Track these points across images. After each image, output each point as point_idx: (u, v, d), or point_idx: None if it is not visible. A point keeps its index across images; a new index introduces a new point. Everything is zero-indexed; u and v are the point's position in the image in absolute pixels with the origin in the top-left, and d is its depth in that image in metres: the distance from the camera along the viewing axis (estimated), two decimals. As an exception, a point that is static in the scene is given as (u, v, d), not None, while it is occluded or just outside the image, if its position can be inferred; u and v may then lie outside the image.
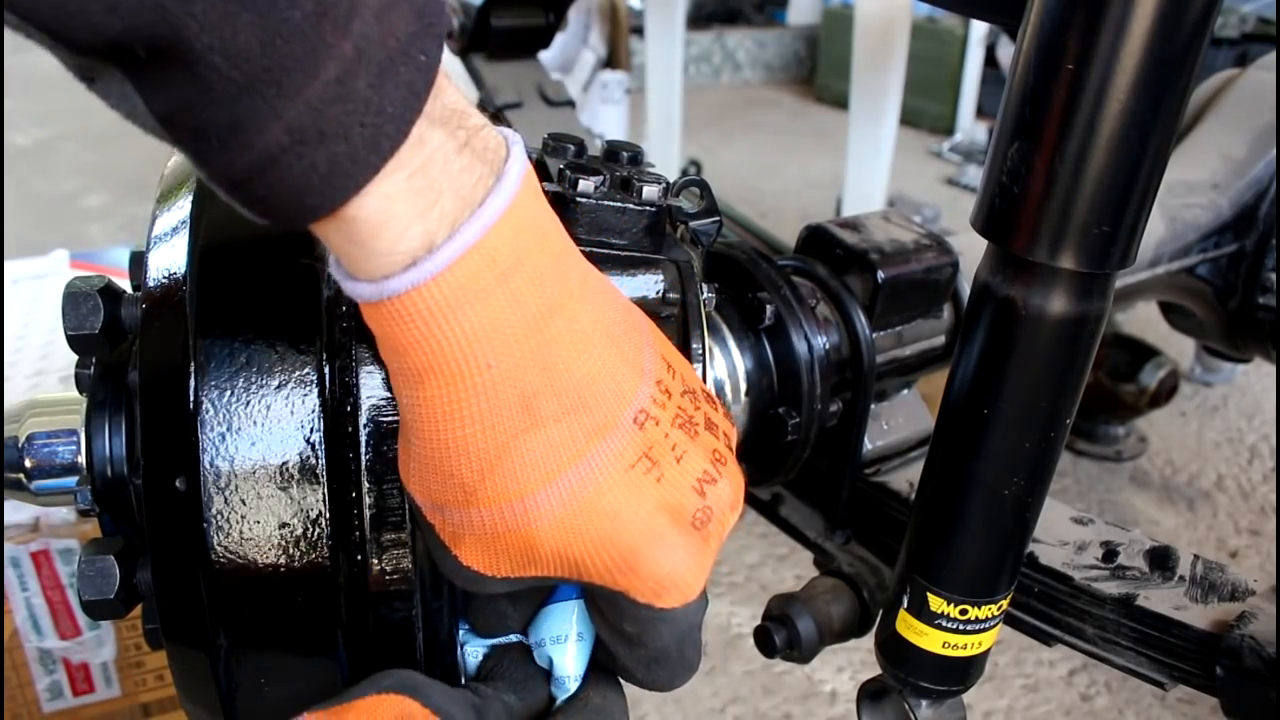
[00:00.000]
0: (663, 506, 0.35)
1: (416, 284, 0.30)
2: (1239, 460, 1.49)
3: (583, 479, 0.34)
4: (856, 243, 0.60)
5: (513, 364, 0.32)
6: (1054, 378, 0.42)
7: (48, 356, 0.89)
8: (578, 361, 0.34)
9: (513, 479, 0.34)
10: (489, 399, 0.33)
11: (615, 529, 0.35)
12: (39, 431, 0.42)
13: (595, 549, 0.35)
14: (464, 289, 0.31)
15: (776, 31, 3.79)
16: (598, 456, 0.34)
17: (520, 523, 0.34)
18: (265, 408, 0.36)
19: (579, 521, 0.34)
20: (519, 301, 0.32)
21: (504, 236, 0.31)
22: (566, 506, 0.34)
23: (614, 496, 0.34)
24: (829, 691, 1.08)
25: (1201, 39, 0.36)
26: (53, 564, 0.80)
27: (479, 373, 0.32)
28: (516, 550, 0.35)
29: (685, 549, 0.36)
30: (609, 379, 0.35)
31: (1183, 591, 0.56)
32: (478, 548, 0.35)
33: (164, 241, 0.40)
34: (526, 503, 0.34)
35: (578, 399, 0.34)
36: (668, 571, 0.35)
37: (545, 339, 0.33)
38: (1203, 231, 0.85)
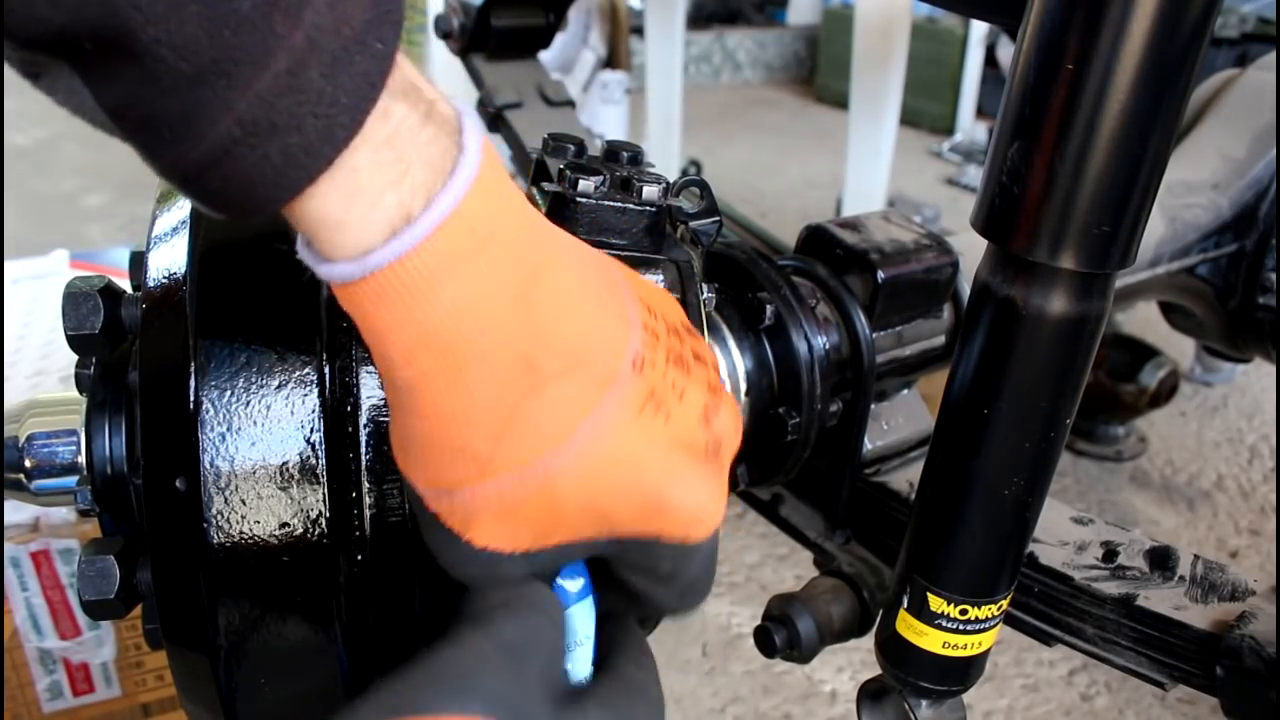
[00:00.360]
0: (676, 444, 0.36)
1: (400, 255, 0.30)
2: (1239, 460, 1.49)
3: (597, 431, 0.34)
4: (856, 243, 0.60)
5: (505, 329, 0.32)
6: (1054, 378, 0.42)
7: (48, 356, 0.89)
8: (567, 320, 0.34)
9: (529, 440, 0.33)
10: (489, 364, 0.32)
11: (638, 474, 0.35)
12: (39, 431, 0.42)
13: (621, 498, 0.35)
14: (445, 258, 0.31)
15: (776, 31, 3.79)
16: (607, 407, 0.34)
17: (542, 484, 0.33)
18: (265, 408, 0.36)
19: (601, 473, 0.34)
20: (500, 267, 0.32)
21: (478, 203, 0.31)
22: (586, 460, 0.34)
23: (630, 443, 0.34)
24: (829, 691, 1.08)
25: (1201, 39, 0.36)
26: (53, 564, 0.80)
27: (473, 340, 0.32)
28: (539, 516, 0.34)
29: (705, 481, 0.36)
30: (600, 332, 0.35)
31: (1183, 591, 0.56)
32: (496, 523, 0.34)
33: (164, 241, 0.40)
34: (547, 462, 0.33)
35: (576, 355, 0.34)
36: (694, 507, 0.36)
37: (532, 302, 0.33)
38: (1203, 231, 0.85)
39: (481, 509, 0.34)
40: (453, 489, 0.34)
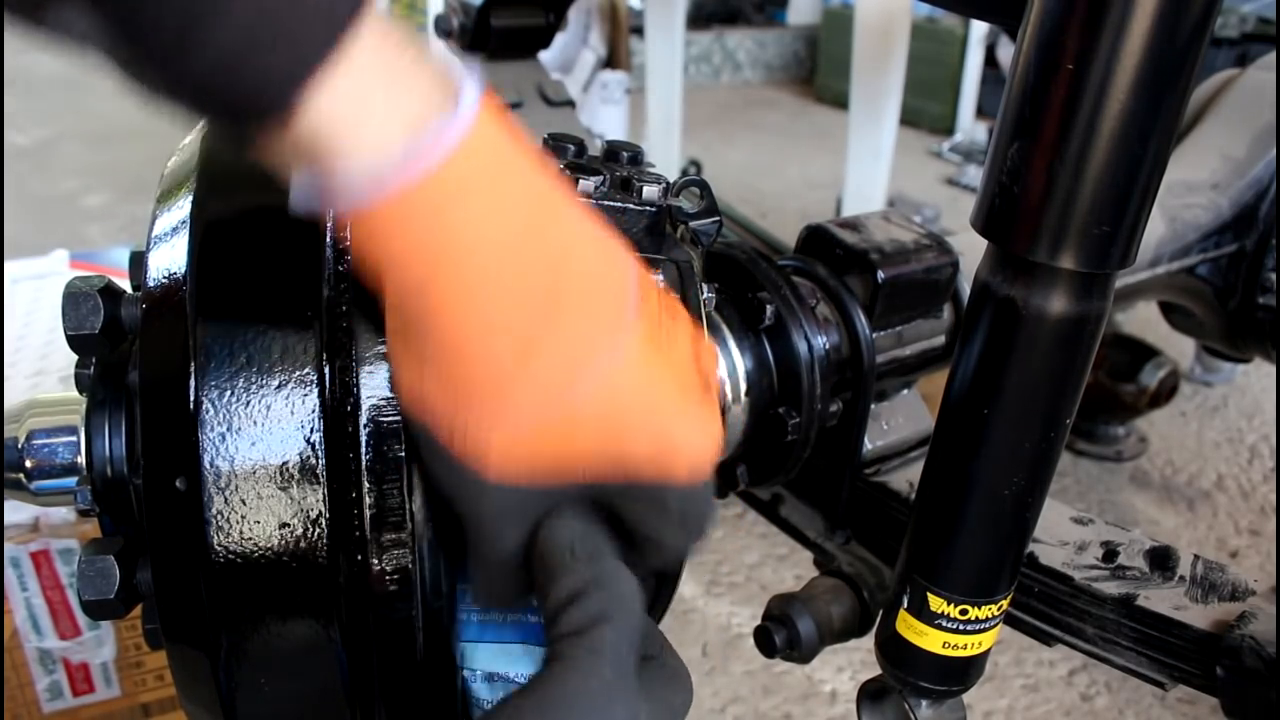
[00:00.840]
0: (678, 383, 0.37)
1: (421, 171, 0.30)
2: (1239, 460, 1.49)
3: (614, 364, 0.34)
4: (856, 243, 0.60)
5: (523, 256, 0.33)
6: (1054, 378, 0.42)
7: (47, 356, 0.89)
8: (578, 255, 0.34)
9: (551, 367, 0.33)
10: (510, 289, 0.32)
11: (650, 410, 0.35)
12: (39, 430, 0.42)
13: (636, 434, 0.35)
14: (465, 179, 0.31)
15: (776, 31, 3.79)
16: (621, 342, 0.35)
17: (564, 407, 0.34)
18: (265, 408, 0.36)
19: (618, 409, 0.35)
20: (516, 197, 0.32)
21: (491, 132, 0.32)
22: (605, 393, 0.34)
23: (642, 379, 0.35)
24: (829, 691, 1.08)
25: (1201, 39, 0.36)
26: (52, 564, 0.80)
27: (492, 265, 0.32)
28: (557, 443, 0.34)
29: (704, 419, 0.37)
30: (607, 270, 0.35)
31: (1183, 591, 0.56)
32: (511, 457, 0.34)
33: (164, 241, 0.39)
34: (568, 387, 0.33)
35: (588, 290, 0.34)
36: (700, 444, 0.37)
37: (546, 234, 0.33)
38: (1203, 231, 0.85)
39: (500, 428, 0.34)
40: (470, 417, 0.34)
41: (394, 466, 0.37)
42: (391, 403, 0.36)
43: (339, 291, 0.37)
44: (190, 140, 0.44)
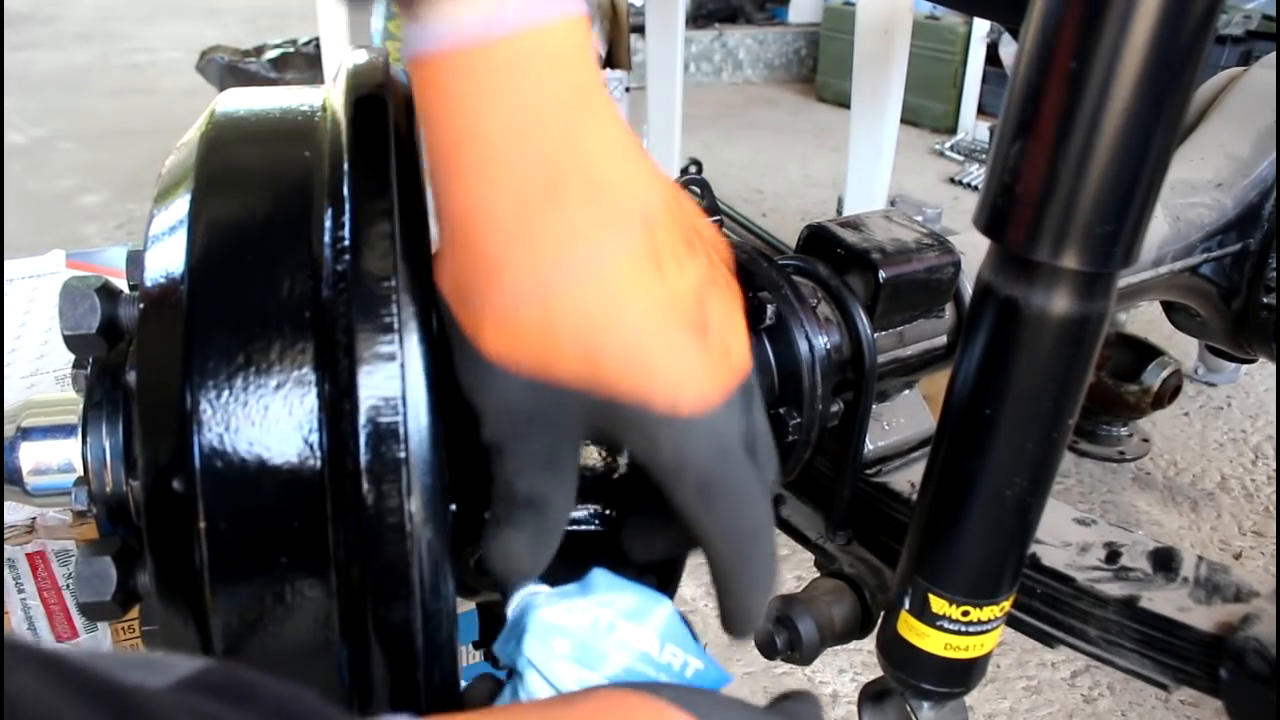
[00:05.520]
0: (666, 307, 0.37)
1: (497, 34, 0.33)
2: (1243, 461, 1.48)
3: (597, 262, 0.36)
4: (858, 242, 0.59)
5: (545, 143, 0.35)
6: (1056, 378, 0.42)
7: (44, 357, 0.89)
8: (599, 157, 0.36)
9: (536, 251, 0.35)
10: (519, 169, 0.35)
11: (624, 316, 0.36)
12: (35, 430, 0.42)
13: (608, 338, 0.36)
14: (525, 56, 0.34)
15: (777, 30, 3.78)
16: (610, 243, 0.36)
17: (540, 299, 0.35)
18: (263, 408, 0.36)
19: (592, 306, 0.36)
20: (562, 90, 0.35)
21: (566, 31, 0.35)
22: (581, 287, 0.35)
23: (623, 285, 0.36)
24: (830, 693, 1.07)
25: (1204, 36, 0.36)
26: (49, 565, 0.80)
27: (514, 142, 0.35)
28: (537, 335, 0.36)
29: (689, 350, 0.37)
30: (623, 178, 0.37)
31: (1186, 593, 0.55)
32: (499, 332, 0.36)
33: (161, 240, 0.39)
34: (548, 276, 0.35)
35: (596, 189, 0.36)
36: (677, 370, 0.37)
37: (576, 131, 0.36)
38: (1206, 231, 0.85)
39: (487, 315, 0.36)
40: (468, 292, 0.37)
41: (393, 467, 0.36)
42: (390, 403, 0.36)
43: (338, 291, 0.37)
44: (188, 139, 0.43)
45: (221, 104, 0.44)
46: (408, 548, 0.37)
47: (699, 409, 0.37)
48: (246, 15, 4.42)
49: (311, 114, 0.43)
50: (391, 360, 0.36)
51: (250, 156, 0.41)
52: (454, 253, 0.37)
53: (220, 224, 0.39)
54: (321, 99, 0.44)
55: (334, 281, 0.37)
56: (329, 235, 0.38)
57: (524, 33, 0.34)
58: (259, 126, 0.43)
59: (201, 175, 0.40)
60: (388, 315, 0.36)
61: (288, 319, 0.37)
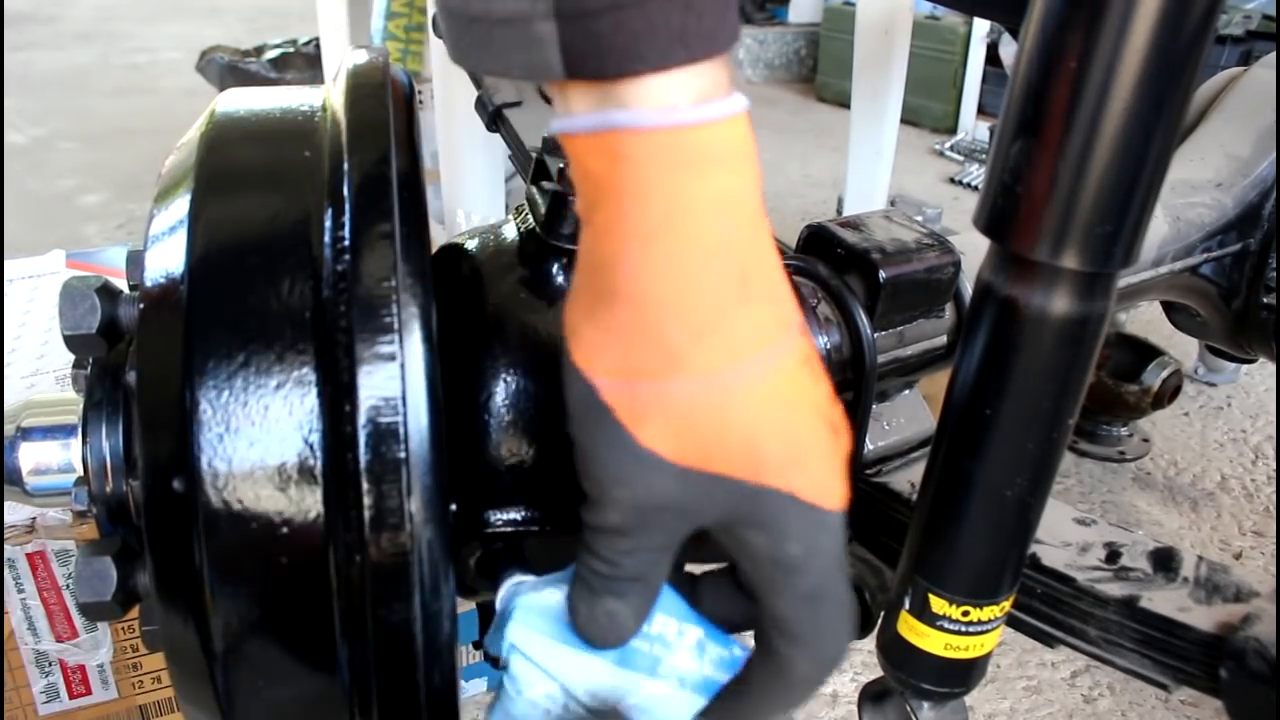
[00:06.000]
0: (819, 407, 0.38)
1: (701, 120, 0.33)
2: (1243, 461, 1.48)
3: (775, 362, 0.36)
4: (858, 242, 0.59)
5: (741, 235, 0.35)
6: (1056, 378, 0.42)
7: (44, 357, 0.89)
8: (774, 260, 0.36)
9: (724, 348, 0.35)
10: (717, 262, 0.34)
11: (795, 419, 0.37)
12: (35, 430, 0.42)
13: (777, 435, 0.36)
14: (729, 145, 0.34)
15: (777, 29, 3.78)
16: (786, 344, 0.36)
17: (721, 395, 0.35)
18: (263, 408, 0.36)
19: (768, 404, 0.36)
20: (751, 187, 0.35)
21: (747, 125, 0.35)
22: (760, 386, 0.35)
23: (795, 388, 0.37)
24: (830, 693, 1.07)
25: (1205, 36, 0.36)
26: (49, 565, 0.80)
27: (716, 232, 0.34)
28: (707, 429, 0.35)
29: (834, 450, 0.38)
30: (786, 284, 0.37)
31: (1186, 593, 0.55)
32: (667, 425, 0.35)
33: (162, 240, 0.39)
34: (732, 373, 0.35)
35: (775, 288, 0.36)
36: (832, 466, 0.38)
37: (759, 229, 0.35)
38: (1206, 231, 0.85)
39: (658, 407, 0.35)
40: (637, 381, 0.35)
41: (393, 467, 0.36)
42: (390, 403, 0.36)
43: (338, 291, 0.37)
44: (188, 139, 0.43)
45: (221, 104, 0.44)
46: (408, 548, 0.37)
47: (836, 506, 0.38)
48: (246, 15, 4.42)
49: (311, 114, 0.43)
50: (391, 360, 0.36)
51: (250, 156, 0.41)
52: (626, 338, 0.35)
53: (220, 224, 0.39)
54: (321, 99, 0.44)
55: (334, 281, 0.37)
56: (329, 235, 0.38)
57: (730, 119, 0.34)
58: (259, 126, 0.43)
59: (201, 175, 0.40)
60: (388, 315, 0.36)
61: (288, 319, 0.37)
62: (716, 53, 0.33)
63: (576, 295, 0.37)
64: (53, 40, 3.89)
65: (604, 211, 0.34)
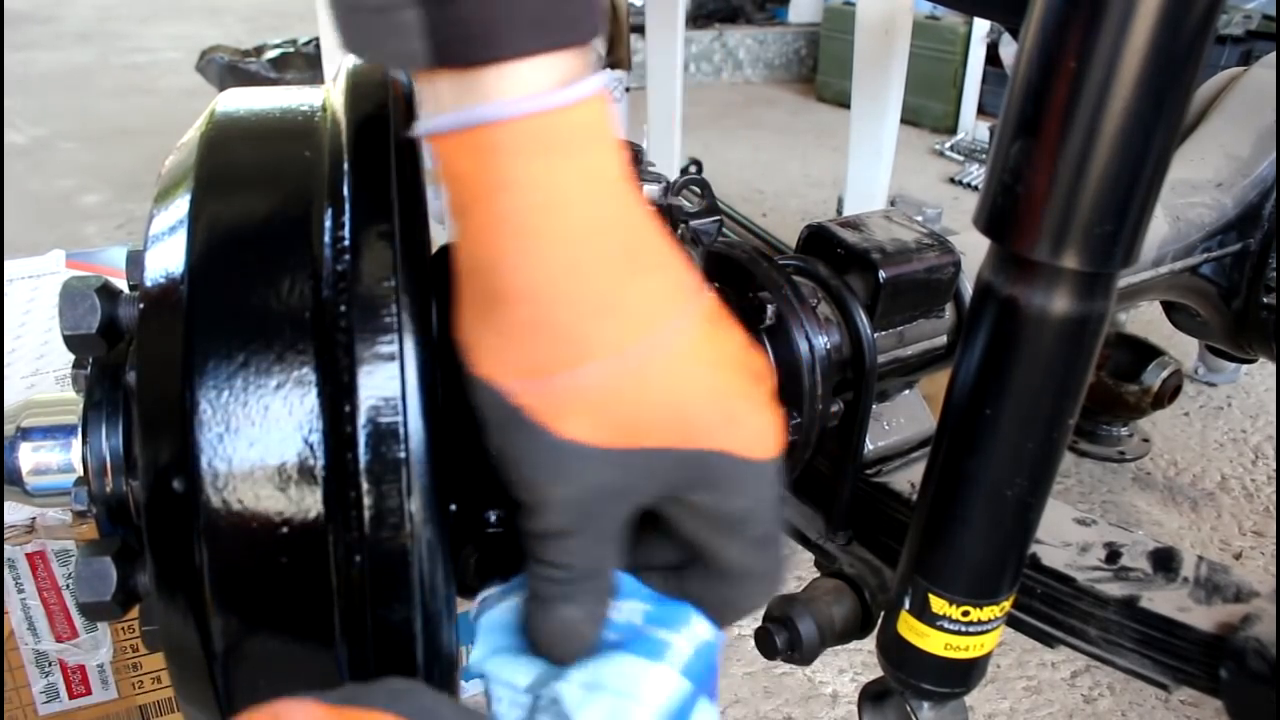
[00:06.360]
0: (735, 360, 0.38)
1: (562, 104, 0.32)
2: (1243, 461, 1.48)
3: (684, 326, 0.36)
4: (858, 242, 0.59)
5: (617, 212, 0.35)
6: (1056, 378, 0.42)
7: (44, 357, 0.89)
8: (654, 227, 0.36)
9: (626, 325, 0.35)
10: (601, 241, 0.34)
11: (715, 376, 0.37)
12: (35, 430, 0.42)
13: (701, 397, 0.36)
14: (595, 124, 0.34)
15: (777, 29, 3.78)
16: (688, 306, 0.36)
17: (635, 371, 0.35)
18: (263, 408, 0.36)
19: (685, 370, 0.36)
20: (617, 159, 0.35)
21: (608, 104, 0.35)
22: (673, 354, 0.35)
23: (708, 346, 0.37)
24: (830, 693, 1.07)
25: (1204, 36, 0.36)
26: (49, 565, 0.80)
27: (594, 213, 0.34)
28: (627, 408, 0.35)
29: (759, 398, 0.38)
30: (673, 248, 0.37)
31: (1186, 593, 0.55)
32: (587, 412, 0.35)
33: (161, 240, 0.39)
34: (640, 348, 0.35)
35: (663, 256, 0.36)
36: (758, 418, 0.38)
37: (634, 202, 0.35)
38: (1207, 230, 0.85)
39: (574, 396, 0.35)
40: (547, 377, 0.35)
41: (393, 467, 0.36)
42: (390, 403, 0.36)
43: (338, 291, 0.37)
44: (188, 139, 0.43)
45: (221, 104, 0.44)
46: (408, 548, 0.37)
47: (770, 454, 0.38)
48: (246, 15, 4.42)
49: (311, 114, 0.43)
50: (391, 360, 0.36)
51: (250, 156, 0.41)
52: (524, 337, 0.35)
53: (220, 224, 0.39)
54: (321, 99, 0.44)
55: (334, 281, 0.37)
56: (329, 235, 0.38)
57: (591, 100, 0.33)
58: (259, 126, 0.43)
59: (201, 175, 0.40)
60: (388, 315, 0.36)
61: (288, 319, 0.37)
62: (580, 40, 0.33)
63: (465, 304, 0.36)
64: (52, 40, 3.89)
65: (478, 213, 0.34)
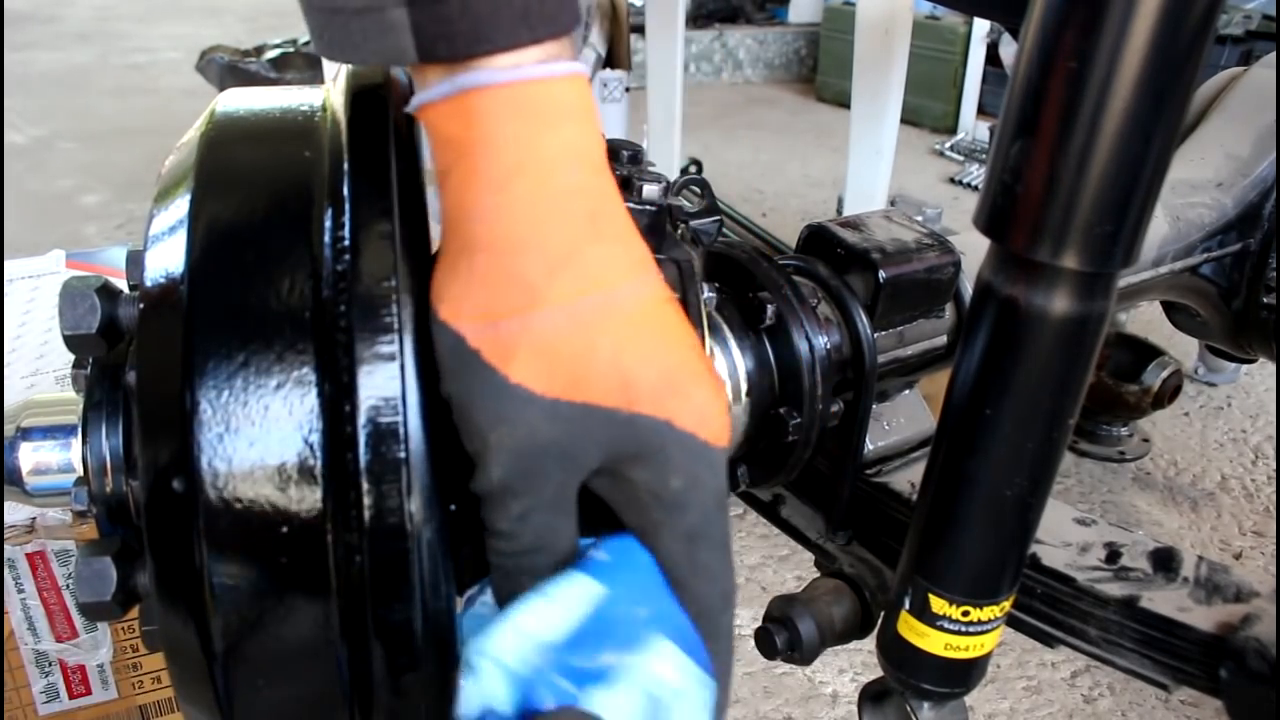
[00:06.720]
0: (691, 345, 0.39)
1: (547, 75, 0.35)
2: (1243, 461, 1.48)
3: (636, 295, 0.37)
4: (858, 242, 0.59)
5: (587, 181, 0.37)
6: (1056, 378, 0.42)
7: (44, 356, 0.89)
8: (622, 210, 0.39)
9: (581, 279, 0.36)
10: (567, 203, 0.36)
11: (663, 346, 0.38)
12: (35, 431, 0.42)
13: (645, 364, 0.37)
14: (572, 100, 0.36)
15: (777, 29, 3.78)
16: (642, 281, 0.38)
17: (584, 325, 0.36)
18: (263, 408, 0.36)
19: (633, 332, 0.37)
20: (595, 141, 0.37)
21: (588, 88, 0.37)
22: (623, 315, 0.37)
23: (659, 317, 0.38)
24: (830, 693, 1.07)
25: (1204, 36, 0.36)
26: (49, 565, 0.80)
27: (565, 176, 0.36)
28: (573, 358, 0.36)
29: (714, 386, 0.39)
30: (638, 234, 0.39)
31: (1186, 593, 0.55)
32: (534, 357, 0.36)
33: (161, 240, 0.39)
34: (590, 302, 0.36)
35: (625, 233, 0.38)
36: (705, 396, 0.38)
37: (605, 180, 0.38)
38: (1207, 230, 0.85)
39: (523, 340, 0.36)
40: (500, 320, 0.36)
41: (393, 467, 0.36)
42: (390, 403, 0.36)
43: (338, 291, 0.37)
44: (188, 139, 0.43)
45: (221, 104, 0.44)
46: (408, 548, 0.37)
47: (715, 438, 0.39)
48: (246, 15, 4.42)
49: (311, 114, 0.43)
50: (391, 360, 0.36)
51: (250, 156, 0.41)
52: (485, 281, 0.37)
53: (220, 224, 0.39)
54: (321, 99, 0.44)
55: (334, 281, 0.37)
56: (329, 235, 0.38)
57: (570, 77, 0.36)
58: (259, 126, 0.43)
59: (201, 175, 0.40)
60: (388, 315, 0.36)
61: (288, 319, 0.37)
62: (559, 33, 0.36)
63: (440, 259, 0.38)
64: (52, 40, 3.89)
65: (459, 169, 0.36)
